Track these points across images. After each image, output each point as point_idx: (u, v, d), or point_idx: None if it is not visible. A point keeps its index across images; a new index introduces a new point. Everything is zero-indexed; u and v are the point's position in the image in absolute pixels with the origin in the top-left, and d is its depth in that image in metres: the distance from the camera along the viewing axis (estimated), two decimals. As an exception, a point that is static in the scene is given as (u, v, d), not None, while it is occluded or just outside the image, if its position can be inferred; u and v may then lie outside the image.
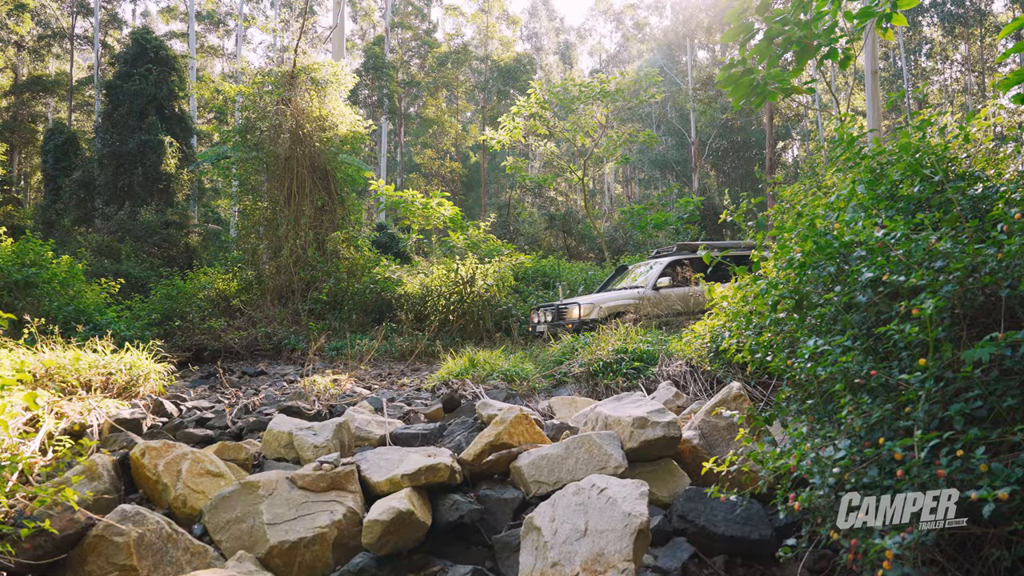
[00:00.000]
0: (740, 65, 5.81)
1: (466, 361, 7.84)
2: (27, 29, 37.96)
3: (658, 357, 6.91)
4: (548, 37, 55.97)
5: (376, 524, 3.62)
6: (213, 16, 42.97)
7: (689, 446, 4.51)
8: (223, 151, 21.15)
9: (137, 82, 23.04)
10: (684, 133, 38.64)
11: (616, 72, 24.70)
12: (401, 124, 41.52)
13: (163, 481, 4.10)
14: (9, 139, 34.29)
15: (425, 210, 15.41)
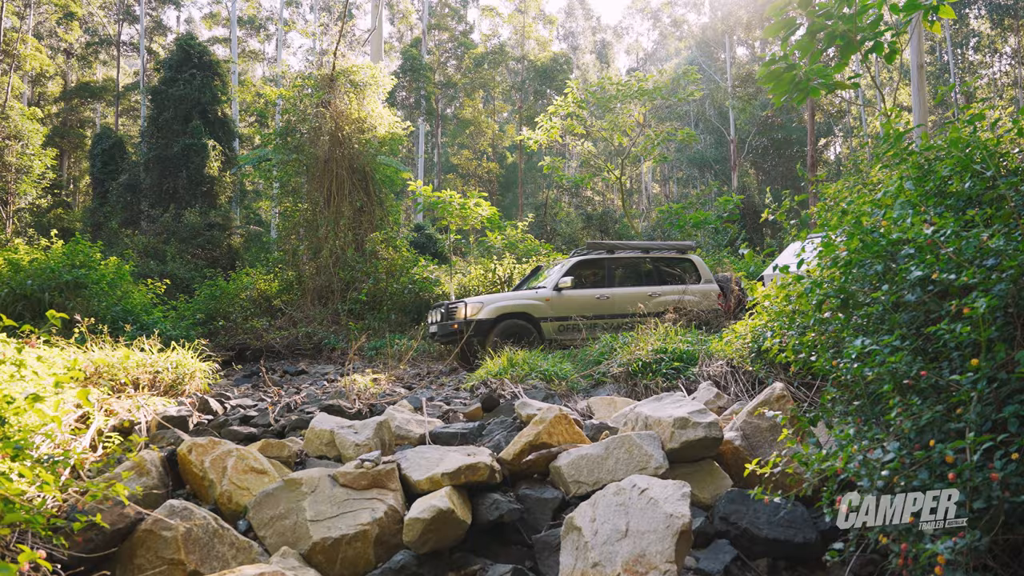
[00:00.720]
0: (782, 61, 5.72)
1: (504, 361, 7.85)
2: (75, 37, 39.07)
3: (698, 357, 6.84)
4: (584, 36, 55.78)
5: (417, 522, 3.64)
6: (254, 21, 43.71)
7: (731, 447, 4.45)
8: (264, 154, 21.49)
9: (181, 87, 23.54)
10: (723, 131, 38.21)
11: (654, 70, 24.53)
12: (438, 125, 41.77)
13: (209, 477, 4.18)
14: (59, 144, 35.30)
15: (463, 210, 15.47)
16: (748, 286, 5.84)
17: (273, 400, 7.17)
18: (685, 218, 18.79)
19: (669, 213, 19.89)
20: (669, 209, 20.11)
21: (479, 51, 42.15)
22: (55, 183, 33.43)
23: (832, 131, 40.20)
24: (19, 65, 33.04)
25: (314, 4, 45.49)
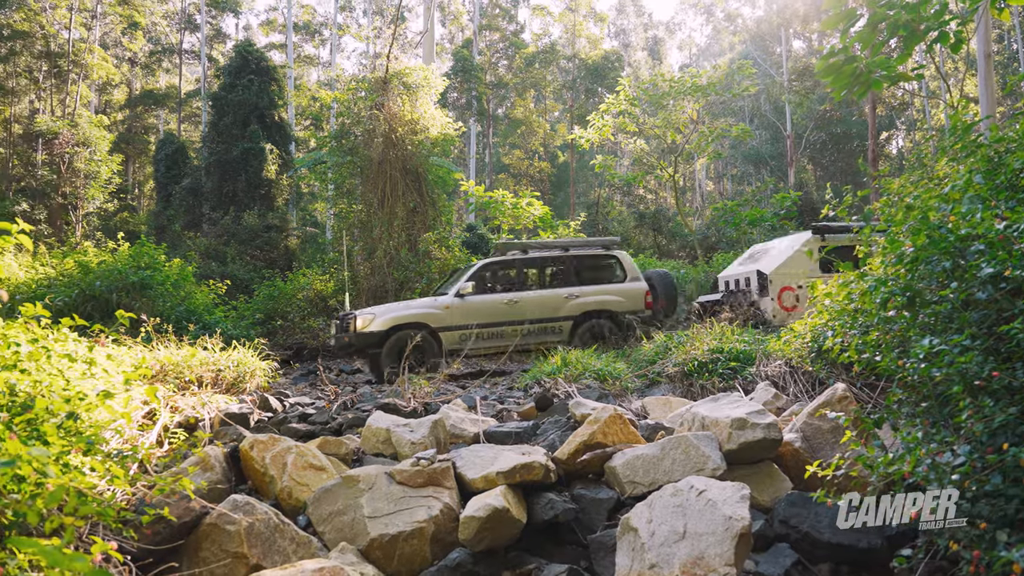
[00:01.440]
0: (841, 53, 5.56)
1: (558, 360, 7.84)
2: (139, 46, 40.43)
3: (755, 357, 6.71)
4: (636, 33, 55.29)
5: (472, 520, 3.66)
6: (309, 27, 44.56)
7: (790, 449, 4.36)
8: (319, 156, 21.89)
9: (240, 93, 24.12)
10: (779, 126, 37.41)
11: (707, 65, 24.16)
12: (489, 125, 41.92)
13: (270, 473, 4.28)
14: (125, 150, 36.57)
15: (515, 210, 15.50)
16: (808, 284, 5.71)
17: (330, 398, 7.30)
18: (740, 216, 18.47)
19: (724, 211, 19.57)
20: (724, 207, 19.78)
21: (530, 50, 42.15)
22: (121, 188, 34.65)
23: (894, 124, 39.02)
24: (87, 74, 34.34)
25: (367, 8, 46.12)
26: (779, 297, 10.99)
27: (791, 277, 11.13)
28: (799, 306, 10.95)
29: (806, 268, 11.20)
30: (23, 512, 2.08)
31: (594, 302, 10.31)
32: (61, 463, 2.69)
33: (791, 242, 12.01)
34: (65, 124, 28.96)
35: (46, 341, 3.63)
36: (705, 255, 19.63)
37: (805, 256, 11.21)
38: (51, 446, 2.68)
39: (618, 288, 10.55)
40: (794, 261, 11.28)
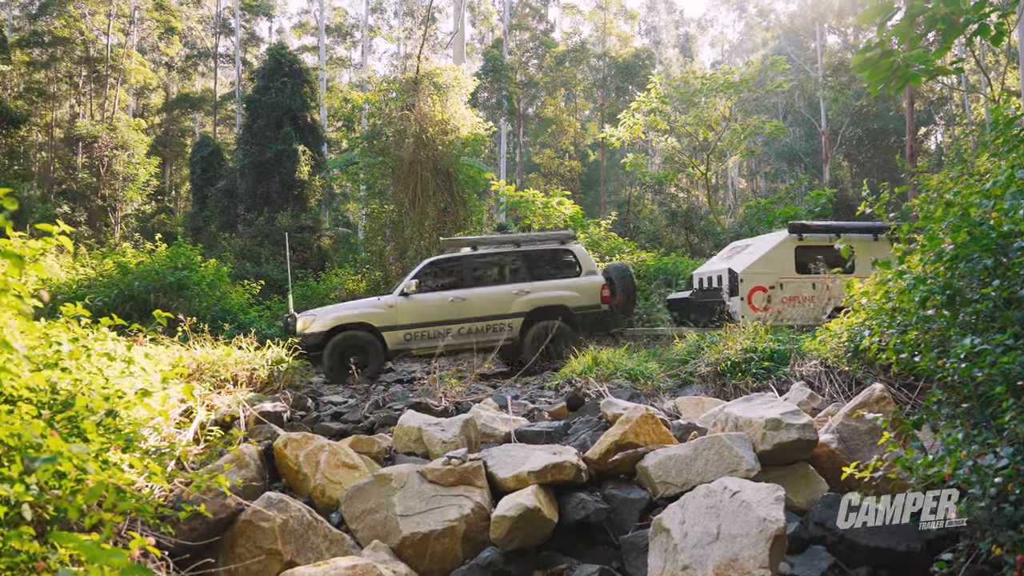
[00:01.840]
0: (878, 47, 5.45)
1: (589, 360, 7.81)
2: (176, 51, 41.15)
3: (790, 357, 6.62)
4: (667, 31, 54.88)
5: (504, 520, 3.66)
6: (341, 29, 44.96)
7: (826, 450, 4.29)
8: (351, 157, 22.08)
9: (273, 95, 24.41)
10: (814, 122, 36.85)
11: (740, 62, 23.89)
12: (520, 124, 41.92)
13: (303, 471, 4.32)
14: (162, 153, 37.25)
15: (545, 209, 15.48)
16: (844, 283, 5.61)
17: (362, 397, 7.35)
18: (774, 213, 18.22)
19: (757, 208, 19.33)
20: (757, 204, 19.54)
21: (560, 49, 42.04)
22: (158, 190, 35.29)
23: (933, 119, 38.18)
24: (125, 79, 35.04)
25: (398, 10, 46.40)
26: (749, 297, 10.74)
27: (764, 277, 10.86)
28: (771, 307, 10.65)
29: (781, 268, 10.97)
30: (64, 508, 2.13)
31: (545, 297, 9.95)
32: (100, 460, 2.74)
33: (767, 241, 11.76)
34: (104, 128, 29.59)
35: (86, 340, 3.71)
36: (738, 254, 19.39)
37: (780, 256, 11.01)
38: (91, 443, 2.73)
39: (572, 283, 10.16)
40: (768, 260, 11.03)
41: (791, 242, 11.20)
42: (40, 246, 2.76)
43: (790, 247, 11.17)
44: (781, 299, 10.80)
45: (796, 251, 11.19)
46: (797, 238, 11.20)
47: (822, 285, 10.92)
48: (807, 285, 10.96)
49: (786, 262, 11.05)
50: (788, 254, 11.12)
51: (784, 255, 11.11)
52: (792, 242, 11.20)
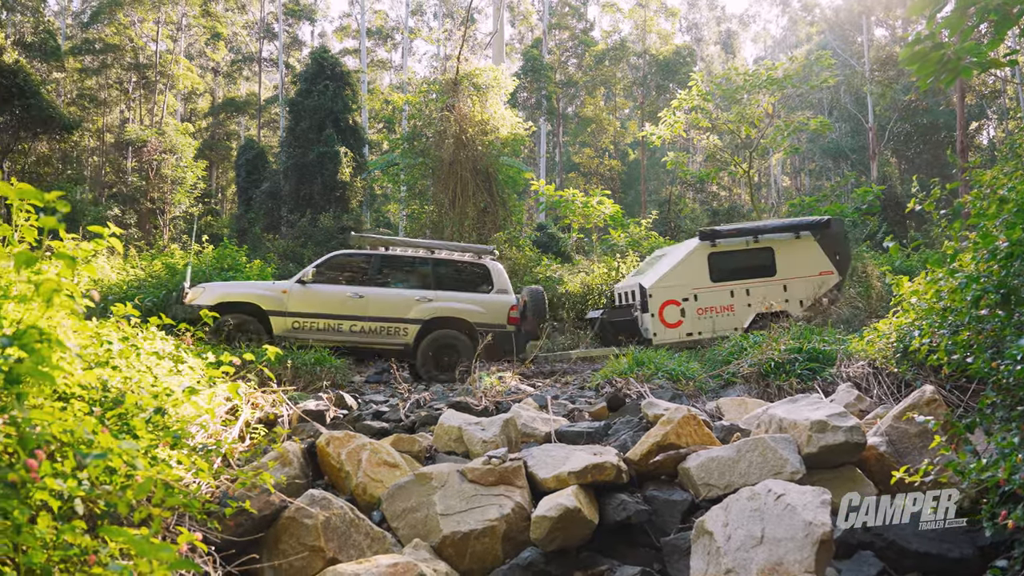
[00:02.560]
0: (928, 40, 5.30)
1: (630, 359, 7.76)
2: (221, 56, 42.03)
3: (836, 358, 6.49)
4: (708, 27, 54.26)
5: (544, 520, 3.65)
6: (382, 31, 45.44)
7: (875, 453, 4.19)
8: (392, 158, 22.30)
9: (316, 98, 24.76)
10: (860, 118, 36.08)
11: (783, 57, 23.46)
12: (559, 124, 41.84)
13: (345, 469, 4.37)
14: (208, 156, 38.04)
15: (585, 208, 15.43)
16: (893, 281, 5.47)
17: (403, 396, 7.40)
18: (819, 212, 17.88)
19: (801, 206, 19.00)
20: (801, 202, 19.21)
21: (599, 48, 41.88)
22: (205, 192, 36.05)
23: (985, 113, 37.09)
24: (173, 84, 35.88)
25: (437, 11, 46.72)
26: (660, 312, 10.37)
27: (675, 290, 10.49)
28: (683, 320, 10.33)
29: (694, 278, 10.58)
30: (114, 502, 2.18)
31: (446, 308, 9.62)
32: (149, 456, 2.80)
33: (679, 250, 11.29)
34: (153, 132, 30.33)
35: (135, 339, 3.80)
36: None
37: (692, 265, 10.60)
38: (140, 440, 2.80)
39: (479, 298, 9.82)
40: (679, 272, 10.61)
41: (703, 250, 10.75)
42: (92, 248, 2.84)
43: (703, 255, 10.72)
44: (697, 311, 10.46)
45: (710, 259, 10.74)
46: (710, 245, 10.77)
47: (741, 292, 10.58)
48: (724, 294, 10.60)
49: (699, 271, 10.61)
50: (701, 263, 10.71)
51: (697, 264, 10.68)
52: (704, 250, 10.76)
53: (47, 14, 36.98)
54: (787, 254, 10.87)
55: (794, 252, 10.92)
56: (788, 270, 10.87)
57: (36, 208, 2.77)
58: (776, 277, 10.80)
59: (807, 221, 11.35)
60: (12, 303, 2.47)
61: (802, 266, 10.93)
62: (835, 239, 11.22)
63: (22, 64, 22.64)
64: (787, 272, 10.86)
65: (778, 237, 11.05)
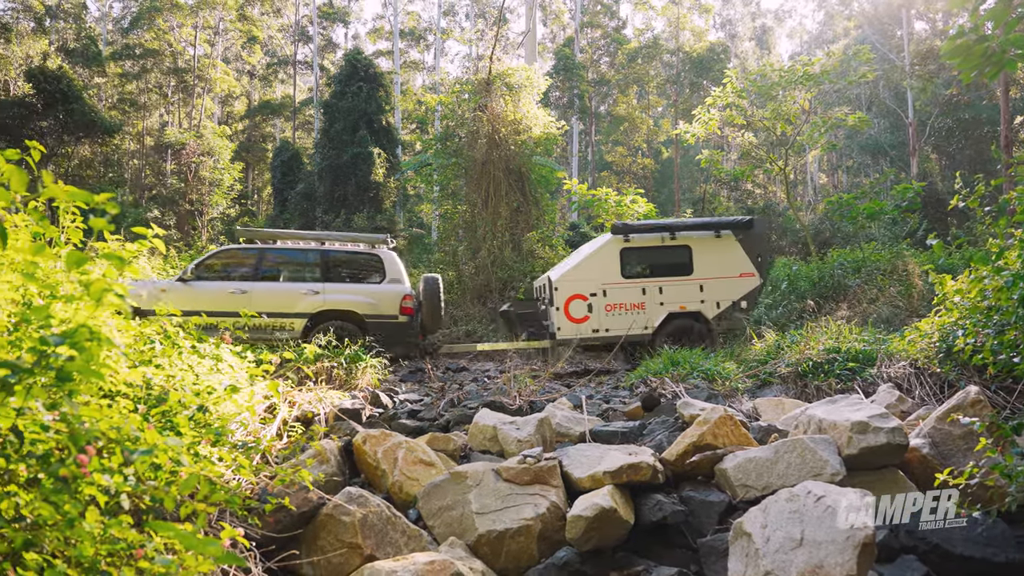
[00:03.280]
0: (971, 33, 5.19)
1: (665, 359, 7.71)
2: (257, 59, 42.66)
3: (876, 358, 6.37)
4: (743, 23, 53.64)
5: (579, 519, 3.65)
6: (414, 32, 45.72)
7: (917, 455, 4.11)
8: (425, 159, 22.40)
9: (350, 99, 24.98)
10: (900, 113, 35.36)
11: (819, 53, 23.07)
12: (591, 123, 41.68)
13: (382, 467, 4.41)
14: (245, 158, 38.62)
15: (619, 207, 15.37)
16: (936, 280, 5.36)
17: (437, 395, 7.45)
18: (857, 209, 17.56)
19: (839, 204, 18.66)
20: (839, 200, 18.87)
21: (632, 46, 41.63)
22: (242, 194, 36.60)
23: (1030, 107, 36.10)
24: (210, 88, 36.51)
25: (469, 12, 46.87)
26: (566, 307, 10.02)
27: (583, 284, 10.12)
28: (590, 316, 9.96)
29: (604, 274, 10.20)
30: (160, 498, 2.23)
31: (334, 301, 9.35)
32: (192, 453, 2.85)
33: (592, 244, 10.93)
34: (191, 135, 30.89)
35: (177, 338, 3.87)
36: (819, 251, 18.79)
37: (603, 260, 10.24)
38: (183, 437, 2.85)
39: (370, 289, 9.58)
40: (588, 266, 10.25)
41: (616, 244, 10.38)
42: (136, 248, 2.90)
43: (615, 250, 10.35)
44: (604, 307, 10.10)
45: (622, 254, 10.36)
46: (623, 240, 10.39)
47: (654, 290, 10.22)
48: (635, 291, 10.21)
49: (610, 267, 10.24)
50: (612, 258, 10.32)
51: (608, 259, 10.30)
52: (617, 244, 10.38)
53: (88, 20, 37.91)
54: (706, 253, 10.39)
55: (713, 251, 10.42)
56: (706, 270, 10.39)
57: (81, 210, 2.84)
58: (692, 276, 10.33)
59: (728, 220, 10.85)
60: (59, 303, 2.54)
61: (721, 266, 10.43)
62: (758, 240, 10.66)
63: (65, 70, 23.21)
64: (704, 272, 10.38)
65: (696, 235, 10.57)
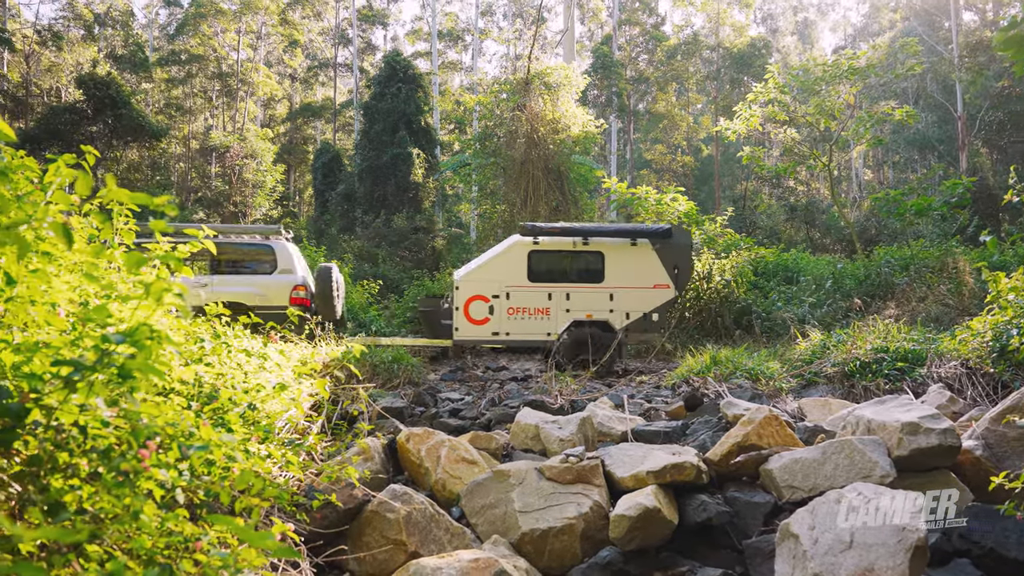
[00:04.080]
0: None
1: (707, 359, 7.63)
2: (298, 63, 43.31)
3: (926, 357, 6.23)
4: (784, 17, 52.81)
5: (623, 519, 3.64)
6: (452, 33, 45.95)
7: (970, 457, 4.01)
8: (463, 159, 22.52)
9: (389, 101, 25.22)
10: (948, 107, 34.46)
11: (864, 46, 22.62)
12: (630, 121, 41.42)
13: (425, 465, 4.45)
14: (286, 160, 39.26)
15: (658, 206, 15.23)
16: (989, 277, 5.22)
17: (478, 394, 7.49)
18: (905, 205, 17.16)
19: (885, 200, 18.26)
20: (885, 196, 18.46)
21: (671, 43, 41.28)
22: (284, 195, 37.22)
23: (1087, 99, 34.90)
24: (253, 91, 37.19)
25: (507, 11, 46.94)
26: (466, 308, 9.73)
27: (486, 285, 9.83)
28: (491, 318, 9.66)
29: (509, 275, 9.87)
30: (215, 492, 2.28)
31: (219, 294, 9.07)
32: (243, 449, 2.91)
33: (500, 246, 10.59)
34: (235, 138, 31.50)
35: (226, 337, 3.95)
36: (864, 249, 18.41)
37: (509, 261, 9.93)
38: (235, 433, 2.91)
39: (259, 281, 9.44)
40: (494, 267, 9.95)
41: (524, 246, 10.04)
42: (188, 250, 2.97)
43: (523, 252, 10.02)
44: (507, 310, 9.80)
45: (530, 256, 10.02)
46: (531, 242, 10.04)
47: (560, 295, 9.90)
48: (540, 296, 9.88)
49: (517, 269, 9.93)
50: (520, 260, 9.98)
51: (515, 261, 9.98)
52: (525, 246, 10.04)
53: (136, 27, 38.88)
54: (619, 261, 10.05)
55: (627, 260, 10.07)
56: (618, 278, 10.05)
57: (133, 212, 2.93)
58: (603, 284, 10.00)
59: (646, 228, 10.54)
60: (116, 303, 2.61)
61: (634, 276, 10.07)
62: (676, 250, 10.27)
63: (114, 76, 23.86)
64: (616, 280, 10.04)
65: (610, 241, 10.21)
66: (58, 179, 2.24)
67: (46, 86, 31.45)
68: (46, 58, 31.16)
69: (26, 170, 2.36)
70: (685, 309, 13.20)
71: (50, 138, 22.12)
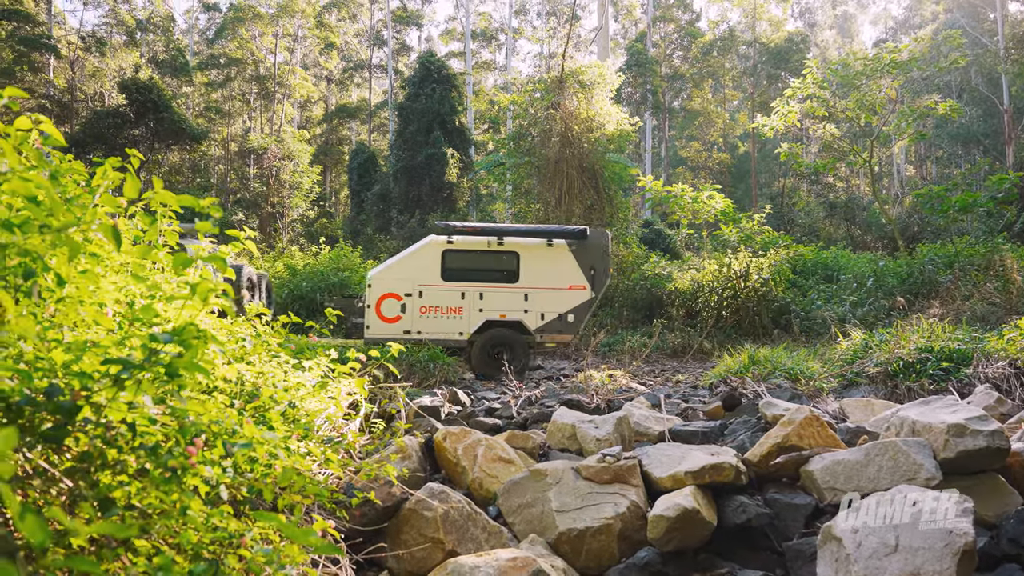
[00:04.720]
0: (1079, 12, 4.88)
1: (745, 358, 7.54)
2: (334, 64, 43.79)
3: (972, 357, 6.08)
4: (823, 11, 51.97)
5: (661, 520, 3.61)
6: (486, 33, 46.07)
7: (1020, 460, 3.91)
8: (497, 158, 22.55)
9: (423, 101, 25.38)
10: (994, 100, 33.60)
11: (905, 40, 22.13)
12: (665, 118, 41.13)
13: (462, 464, 4.47)
14: (322, 161, 39.74)
15: (694, 204, 15.10)
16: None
17: (514, 394, 7.49)
18: (949, 201, 16.76)
19: (928, 196, 17.86)
20: (928, 192, 18.06)
21: (707, 39, 40.91)
22: (320, 196, 37.65)
23: None
24: (290, 94, 37.67)
25: (540, 10, 46.89)
26: (377, 306, 9.63)
27: (398, 283, 9.76)
28: (403, 316, 9.55)
29: (422, 274, 9.82)
30: (258, 489, 2.32)
31: None
32: (285, 447, 2.96)
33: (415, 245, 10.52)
34: (273, 140, 31.96)
35: (266, 336, 4.02)
36: (907, 246, 18.03)
37: (423, 260, 9.86)
38: (276, 431, 2.96)
39: None
40: (406, 265, 9.89)
41: (437, 245, 10.02)
42: (229, 250, 3.03)
43: (436, 251, 9.99)
44: (420, 309, 9.74)
45: (444, 255, 9.99)
46: (446, 241, 10.02)
47: (474, 295, 9.82)
48: (454, 295, 9.83)
49: (430, 267, 9.90)
50: (433, 258, 9.96)
51: (428, 259, 9.95)
52: (439, 245, 10.02)
53: (176, 32, 39.67)
54: (534, 261, 10.03)
55: (543, 260, 10.04)
56: (533, 279, 10.03)
57: (176, 214, 2.98)
58: (518, 284, 9.98)
59: (562, 229, 10.47)
60: (161, 303, 2.67)
61: (550, 276, 10.07)
62: (593, 252, 10.22)
63: (156, 80, 24.37)
64: (531, 281, 10.02)
65: (526, 242, 10.19)
66: (105, 182, 2.29)
67: (90, 91, 32.24)
68: (90, 64, 31.94)
69: (74, 173, 2.43)
70: (722, 308, 13.07)
71: (94, 142, 22.68)
